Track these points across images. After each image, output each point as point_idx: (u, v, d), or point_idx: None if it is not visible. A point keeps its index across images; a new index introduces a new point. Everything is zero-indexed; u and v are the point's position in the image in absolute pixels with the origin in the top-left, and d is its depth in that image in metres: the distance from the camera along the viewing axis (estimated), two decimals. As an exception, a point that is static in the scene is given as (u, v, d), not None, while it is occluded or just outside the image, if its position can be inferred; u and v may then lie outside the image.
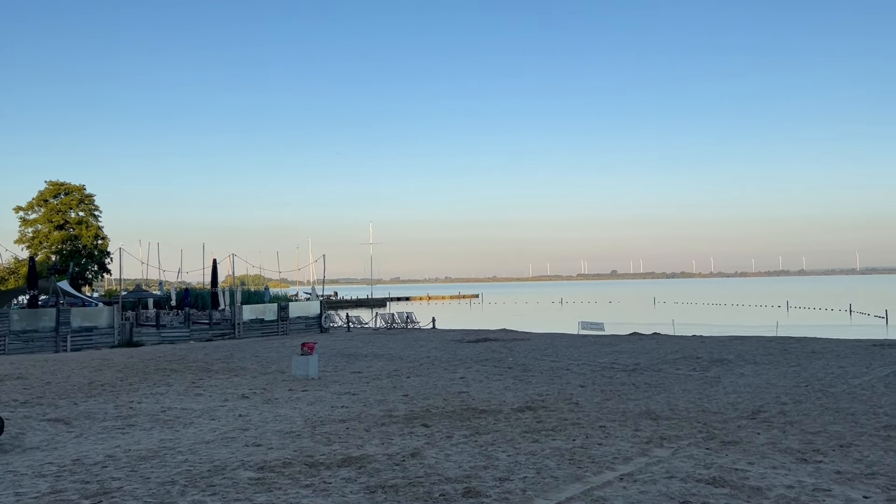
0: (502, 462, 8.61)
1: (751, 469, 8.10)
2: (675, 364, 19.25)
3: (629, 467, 8.26)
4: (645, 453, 9.01)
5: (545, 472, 8.11)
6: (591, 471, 8.13)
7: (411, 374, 18.22)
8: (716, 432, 10.31)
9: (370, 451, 9.32)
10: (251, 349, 27.08)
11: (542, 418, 11.66)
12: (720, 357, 20.63)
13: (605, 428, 10.75)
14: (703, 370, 17.89)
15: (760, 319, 48.33)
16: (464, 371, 18.55)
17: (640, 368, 18.47)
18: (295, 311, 38.76)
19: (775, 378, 16.21)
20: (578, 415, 11.96)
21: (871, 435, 10.02)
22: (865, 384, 14.98)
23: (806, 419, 11.28)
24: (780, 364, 18.81)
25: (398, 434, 10.51)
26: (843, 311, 60.85)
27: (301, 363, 17.69)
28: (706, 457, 8.75)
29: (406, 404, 13.36)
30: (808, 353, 21.22)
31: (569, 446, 9.48)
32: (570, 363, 19.95)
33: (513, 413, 12.21)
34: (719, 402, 13.05)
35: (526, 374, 17.65)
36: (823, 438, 9.82)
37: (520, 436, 10.23)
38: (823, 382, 15.37)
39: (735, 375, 16.79)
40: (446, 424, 11.22)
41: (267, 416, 12.41)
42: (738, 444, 9.47)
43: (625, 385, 15.56)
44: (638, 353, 22.26)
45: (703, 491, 7.21)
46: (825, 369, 17.52)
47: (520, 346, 25.98)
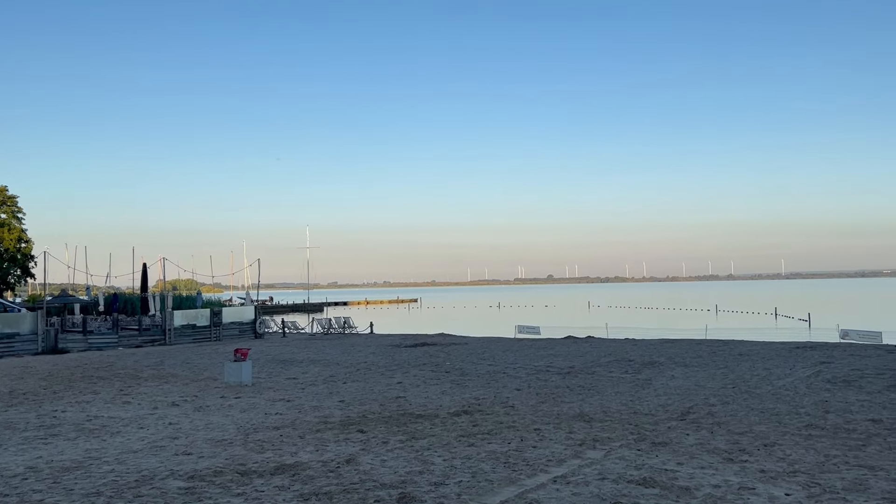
0: (438, 467, 8.61)
1: (680, 469, 8.31)
2: (609, 367, 19.61)
3: (563, 469, 8.37)
4: (578, 455, 9.14)
5: (480, 475, 8.14)
6: (526, 473, 8.21)
7: (348, 379, 18.07)
8: (647, 433, 10.53)
9: (304, 458, 9.20)
10: (182, 356, 26.43)
11: (479, 422, 11.71)
12: (651, 360, 21.10)
13: (539, 431, 10.86)
14: (635, 373, 18.27)
15: (690, 323, 49.64)
16: (401, 376, 18.50)
17: (574, 371, 18.74)
18: (228, 317, 38.02)
19: (704, 380, 16.67)
20: (514, 418, 12.06)
21: (793, 434, 10.39)
22: (789, 385, 15.54)
23: (733, 420, 11.63)
24: (709, 366, 19.35)
25: (333, 440, 10.40)
26: (769, 315, 63.02)
27: (234, 370, 17.36)
28: (637, 458, 8.93)
29: (342, 410, 13.24)
30: (736, 356, 21.90)
31: (504, 450, 9.54)
32: (506, 367, 20.11)
33: (449, 417, 12.23)
34: (650, 404, 13.35)
35: (463, 379, 17.71)
36: (749, 438, 10.13)
37: (456, 440, 10.26)
38: (750, 384, 15.87)
39: (666, 378, 17.19)
40: (382, 430, 11.17)
41: (198, 423, 12.13)
42: (668, 445, 9.69)
43: (559, 388, 15.76)
44: (572, 357, 22.59)
45: (633, 492, 7.35)
46: (751, 371, 18.10)
47: (457, 350, 26.06)
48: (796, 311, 62.01)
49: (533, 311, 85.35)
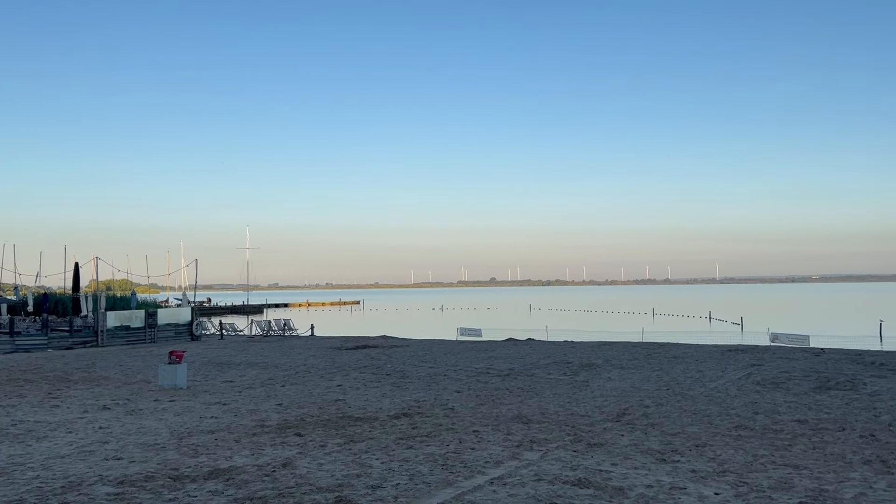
0: (376, 470, 8.58)
1: (614, 470, 8.45)
2: (548, 369, 19.84)
3: (500, 471, 8.43)
4: (516, 457, 9.22)
5: (418, 478, 8.14)
6: (463, 475, 8.24)
7: (286, 382, 17.84)
8: (583, 435, 10.69)
9: (239, 463, 9.05)
10: (115, 358, 25.70)
11: (418, 424, 11.70)
12: (589, 362, 21.43)
13: (478, 433, 10.92)
14: (573, 375, 18.53)
15: (628, 326, 50.62)
16: (341, 379, 18.36)
17: (514, 373, 18.90)
18: (164, 318, 37.12)
19: (640, 382, 17.01)
20: (453, 420, 12.09)
21: (723, 435, 10.69)
22: (720, 387, 15.98)
23: (666, 421, 11.90)
24: (645, 368, 19.76)
25: (270, 444, 10.26)
26: (704, 318, 64.67)
27: (168, 372, 16.96)
28: (573, 459, 9.05)
29: (279, 413, 13.07)
30: (671, 358, 22.41)
31: (442, 452, 9.56)
32: (447, 369, 20.15)
33: (389, 420, 12.19)
34: (587, 406, 13.55)
35: (404, 381, 17.68)
36: (681, 439, 10.38)
37: (394, 443, 10.23)
38: (683, 386, 16.26)
39: (603, 379, 17.48)
40: (320, 433, 11.06)
41: (130, 427, 11.80)
42: (604, 446, 9.86)
43: (499, 390, 15.87)
44: (513, 359, 22.78)
45: (568, 492, 7.45)
46: (685, 373, 18.56)
47: (399, 352, 26.00)
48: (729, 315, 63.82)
49: (475, 314, 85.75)
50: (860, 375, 17.42)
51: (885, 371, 18.24)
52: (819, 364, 20.03)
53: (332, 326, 59.78)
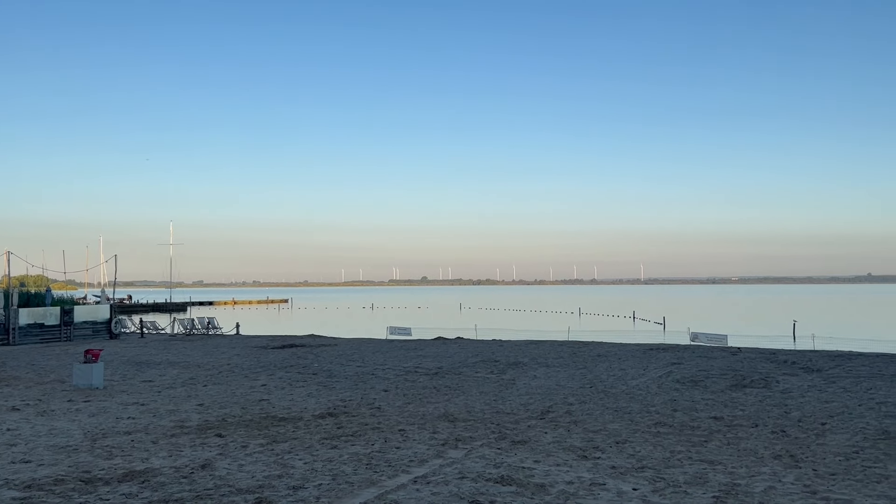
0: (298, 470, 8.44)
1: (536, 467, 8.55)
2: (475, 367, 19.95)
3: (424, 469, 8.42)
4: (440, 455, 9.23)
5: (341, 478, 8.05)
6: (387, 474, 8.19)
7: (209, 382, 17.42)
8: (507, 432, 10.78)
9: (156, 465, 8.77)
10: (27, 356, 24.61)
11: (343, 424, 11.59)
12: (516, 360, 21.66)
13: (404, 431, 10.89)
14: (500, 373, 18.69)
15: (555, 325, 51.43)
16: (266, 378, 18.04)
17: (442, 372, 18.94)
18: (81, 316, 35.75)
19: (564, 380, 17.28)
20: (380, 419, 12.02)
21: (643, 432, 10.95)
22: (641, 385, 16.37)
23: (589, 418, 12.11)
24: (570, 366, 20.09)
25: (189, 445, 9.98)
26: (628, 318, 66.26)
27: (83, 372, 16.32)
28: (497, 456, 9.12)
29: (200, 414, 12.74)
30: (595, 357, 22.85)
31: (367, 451, 9.49)
32: (375, 368, 20.04)
33: (314, 420, 12.04)
34: (513, 404, 13.68)
35: (330, 380, 17.49)
36: (603, 436, 10.58)
37: (319, 442, 10.10)
38: (606, 384, 16.60)
39: (529, 378, 17.69)
40: (242, 434, 10.83)
41: (40, 429, 11.30)
42: (527, 444, 9.96)
43: (426, 389, 15.87)
44: (441, 358, 22.83)
45: (491, 490, 7.49)
46: (608, 371, 18.95)
47: (326, 351, 25.73)
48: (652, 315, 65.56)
49: (406, 313, 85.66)
50: (773, 373, 18.13)
51: (797, 369, 19.03)
52: (736, 363, 20.75)
53: (258, 325, 58.75)
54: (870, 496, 7.36)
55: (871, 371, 18.49)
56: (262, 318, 76.86)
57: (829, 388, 15.66)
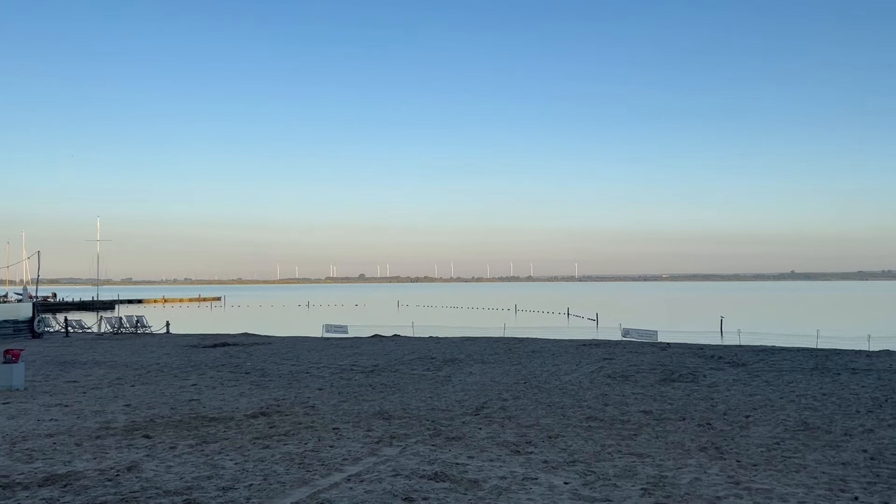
0: (228, 471, 8.28)
1: (470, 463, 8.60)
2: (412, 365, 19.94)
3: (358, 467, 8.37)
4: (374, 453, 9.19)
5: (273, 478, 7.93)
6: (320, 473, 8.11)
7: (136, 382, 16.93)
8: (442, 429, 10.81)
9: (79, 467, 8.48)
10: (-58, 358, 23.43)
11: (276, 423, 11.43)
12: (452, 357, 21.74)
13: (338, 430, 10.80)
14: (437, 370, 18.73)
15: (491, 322, 51.82)
16: (196, 378, 17.64)
17: (378, 370, 18.86)
18: (1, 314, 34.33)
19: (499, 376, 17.43)
20: (313, 418, 11.90)
21: (575, 426, 11.13)
22: (574, 380, 16.64)
23: (522, 414, 12.24)
24: (505, 363, 20.28)
25: (115, 447, 9.68)
26: (562, 315, 67.27)
27: (3, 372, 15.66)
28: (431, 453, 9.13)
29: (127, 415, 12.37)
30: (530, 353, 23.12)
31: (300, 450, 9.38)
32: (310, 366, 19.82)
33: (245, 419, 11.83)
34: (448, 400, 13.73)
35: (264, 379, 17.22)
36: (536, 431, 10.71)
37: (250, 442, 9.93)
38: (540, 379, 16.81)
39: (464, 374, 17.78)
40: (171, 434, 10.56)
41: (-46, 434, 10.79)
42: (462, 440, 10.01)
43: (362, 386, 15.78)
44: (377, 355, 22.73)
45: (425, 486, 7.50)
46: (542, 367, 19.19)
47: (260, 350, 25.32)
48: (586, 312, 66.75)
49: (342, 311, 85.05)
50: (701, 368, 18.67)
51: (723, 364, 19.65)
52: (665, 358, 21.30)
53: (189, 323, 57.44)
54: (789, 485, 7.65)
55: (791, 365, 19.23)
56: (193, 317, 75.18)
57: (752, 381, 16.21)
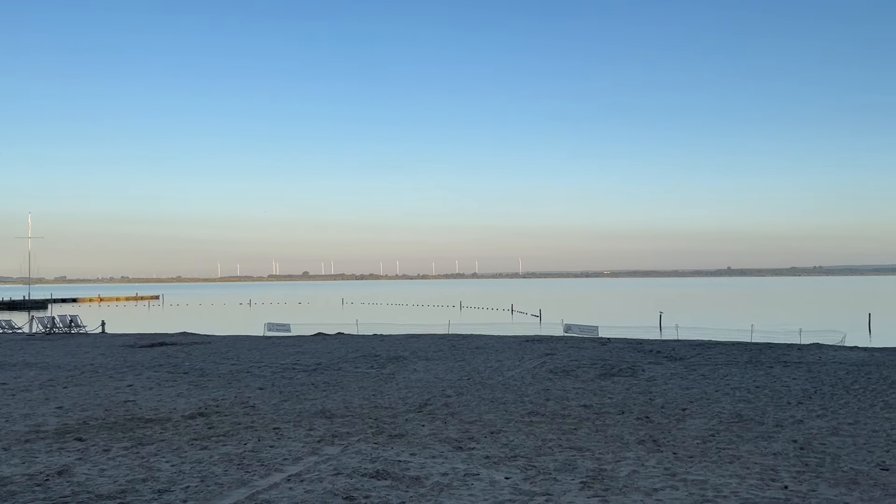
0: (164, 473, 8.09)
1: (412, 460, 8.59)
2: (355, 363, 19.83)
3: (298, 467, 8.27)
4: (316, 452, 9.10)
5: (210, 479, 7.78)
6: (260, 474, 7.99)
7: (69, 383, 16.40)
8: (385, 427, 10.77)
9: (6, 472, 8.17)
10: None
11: (215, 424, 11.22)
12: (397, 355, 21.69)
13: (279, 430, 10.66)
14: (380, 368, 18.66)
15: (436, 318, 51.94)
16: (132, 378, 17.19)
17: (320, 368, 18.69)
18: (-75, 315, 32.90)
19: (443, 372, 17.46)
20: (253, 418, 11.72)
21: (517, 421, 11.22)
22: (517, 376, 16.78)
23: (465, 410, 12.29)
24: (449, 359, 20.33)
25: (45, 451, 9.36)
26: (506, 311, 67.86)
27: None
28: (373, 451, 9.09)
29: (59, 417, 11.97)
30: (473, 349, 23.22)
31: (239, 451, 9.22)
32: (251, 366, 19.52)
33: (183, 420, 11.58)
34: (391, 398, 13.69)
35: (202, 379, 16.88)
36: (478, 427, 10.76)
37: (187, 444, 9.72)
38: (483, 375, 16.90)
39: (408, 372, 17.76)
40: (105, 437, 10.26)
41: None
42: (404, 437, 9.99)
43: (304, 385, 15.62)
44: (320, 354, 22.53)
45: (366, 485, 7.46)
46: (486, 363, 19.30)
47: (199, 349, 24.81)
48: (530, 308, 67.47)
49: (285, 309, 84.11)
50: (640, 363, 19.05)
51: (661, 358, 20.08)
52: (605, 352, 21.66)
53: (126, 323, 56.04)
54: (723, 476, 7.86)
55: (727, 359, 19.78)
56: (130, 316, 73.37)
57: (689, 375, 16.61)
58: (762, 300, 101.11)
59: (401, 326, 39.70)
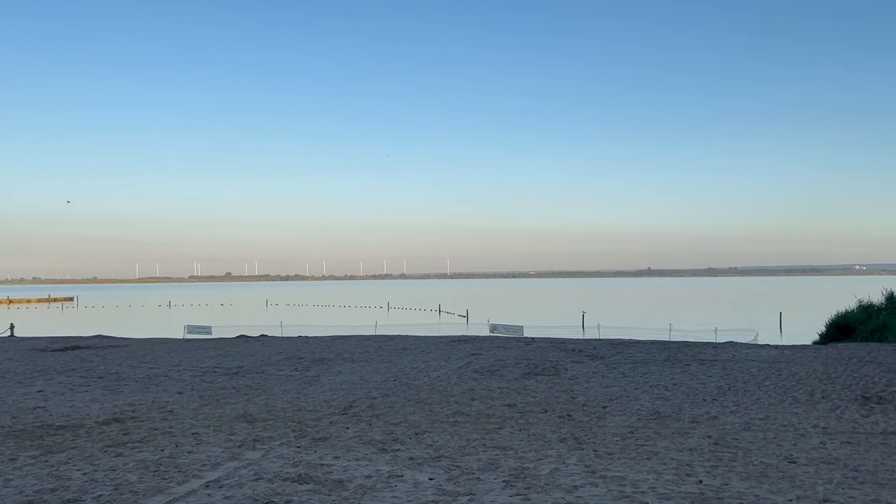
0: (75, 482, 7.78)
1: (336, 463, 8.51)
2: (279, 365, 19.51)
3: (217, 473, 8.08)
4: (236, 457, 8.90)
5: (124, 487, 7.52)
6: (177, 481, 7.77)
7: (-26, 389, 15.58)
8: (308, 430, 10.64)
9: None
10: None
11: (130, 430, 10.85)
12: (322, 356, 21.44)
13: (198, 435, 10.39)
14: (305, 370, 18.41)
15: (363, 319, 51.65)
16: (43, 383, 16.45)
17: (242, 371, 18.31)
18: None
19: (369, 374, 17.36)
20: (171, 423, 11.38)
21: (442, 422, 11.25)
22: (443, 376, 16.83)
23: (391, 411, 12.25)
24: (375, 361, 20.22)
25: (-56, 462, 8.86)
26: (434, 311, 68.05)
27: None
28: (296, 455, 8.96)
29: (-39, 426, 11.35)
30: (400, 350, 23.16)
31: (156, 457, 8.94)
32: (169, 369, 18.96)
33: (97, 427, 11.16)
34: (315, 400, 13.53)
35: (118, 384, 16.31)
36: (403, 428, 10.74)
37: (101, 451, 9.37)
38: (409, 376, 16.89)
39: (334, 373, 17.58)
40: (12, 445, 9.79)
41: None
42: (328, 440, 9.89)
43: (225, 389, 15.27)
44: (242, 356, 22.07)
45: (288, 489, 7.34)
46: (412, 364, 19.29)
47: (115, 353, 23.94)
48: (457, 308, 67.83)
49: (207, 311, 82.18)
50: (563, 361, 19.38)
51: (583, 357, 20.48)
52: (530, 352, 21.94)
53: (37, 326, 53.73)
54: (640, 472, 8.07)
55: (646, 357, 20.32)
56: (42, 318, 70.34)
57: (610, 373, 17.00)
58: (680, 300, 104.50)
59: (327, 328, 39.30)
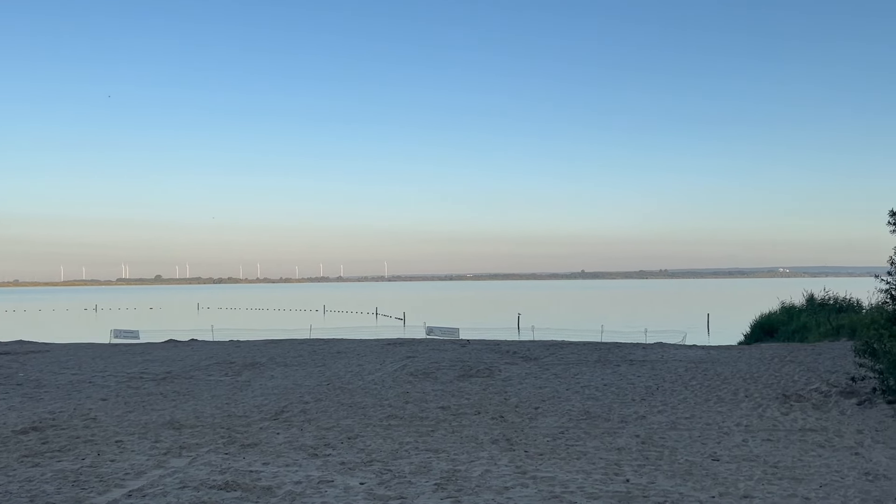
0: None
1: (265, 469, 8.35)
2: (209, 370, 19.07)
3: (141, 482, 7.84)
4: (161, 465, 8.66)
5: (41, 498, 7.23)
6: (97, 490, 7.51)
7: None
8: (237, 436, 10.42)
9: None
10: None
11: (50, 439, 10.43)
12: (254, 361, 21.06)
13: (121, 443, 10.06)
14: (236, 375, 18.05)
15: (298, 323, 50.98)
16: (-44, 391, 15.69)
17: (170, 377, 17.83)
18: None
19: (302, 378, 17.13)
20: (94, 431, 11.00)
21: (375, 426, 11.18)
22: (377, 379, 16.74)
23: (323, 416, 12.11)
24: (308, 365, 19.98)
25: None
26: (371, 314, 67.67)
27: None
28: (223, 462, 8.76)
29: None
30: (334, 354, 22.94)
31: (76, 467, 8.62)
32: (94, 375, 18.32)
33: (13, 436, 10.69)
34: (246, 406, 13.27)
35: (38, 391, 15.67)
36: (335, 433, 10.63)
37: (17, 461, 8.99)
38: (343, 380, 16.73)
39: (265, 378, 17.29)
40: (-82, 458, 9.29)
41: None
42: (258, 446, 9.70)
43: (152, 395, 14.84)
44: (171, 361, 21.50)
45: (214, 497, 7.18)
46: (346, 368, 19.12)
47: (35, 359, 23.02)
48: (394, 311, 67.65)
49: (135, 314, 79.82)
50: (497, 363, 19.51)
51: (517, 359, 20.67)
52: (465, 354, 22.02)
53: (-47, 331, 51.15)
54: (570, 472, 8.18)
55: (578, 358, 20.64)
56: (-42, 324, 67.06)
57: (543, 374, 17.20)
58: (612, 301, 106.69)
59: (259, 332, 38.63)
